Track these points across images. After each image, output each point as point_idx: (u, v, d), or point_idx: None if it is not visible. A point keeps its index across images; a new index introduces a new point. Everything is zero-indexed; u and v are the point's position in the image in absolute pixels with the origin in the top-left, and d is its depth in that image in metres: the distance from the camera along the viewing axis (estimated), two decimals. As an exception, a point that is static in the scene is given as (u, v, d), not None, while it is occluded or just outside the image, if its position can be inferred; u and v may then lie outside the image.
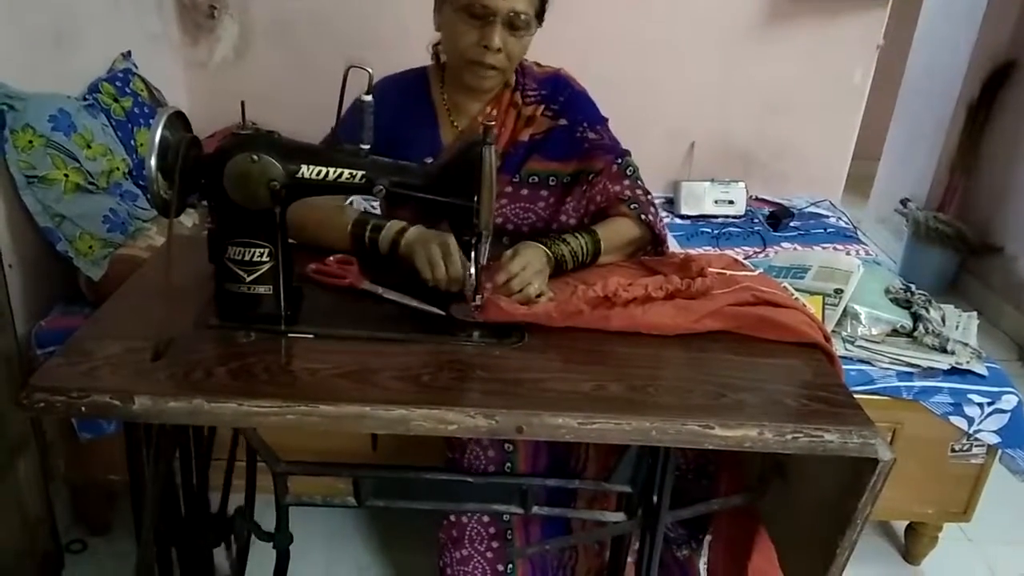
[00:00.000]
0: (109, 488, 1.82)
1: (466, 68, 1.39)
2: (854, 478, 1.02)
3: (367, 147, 1.12)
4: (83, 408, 0.94)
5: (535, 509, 1.24)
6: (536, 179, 1.48)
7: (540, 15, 1.41)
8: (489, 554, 1.44)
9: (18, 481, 1.55)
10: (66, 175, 1.65)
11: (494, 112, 1.48)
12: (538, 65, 1.53)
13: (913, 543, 1.95)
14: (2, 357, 1.45)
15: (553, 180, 1.49)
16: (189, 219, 1.90)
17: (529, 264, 1.24)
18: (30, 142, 1.60)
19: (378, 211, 1.59)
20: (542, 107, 1.48)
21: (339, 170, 1.10)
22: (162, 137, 1.05)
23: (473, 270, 1.15)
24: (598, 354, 1.13)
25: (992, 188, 3.25)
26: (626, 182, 1.45)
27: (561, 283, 1.28)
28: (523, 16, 1.34)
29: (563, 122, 1.47)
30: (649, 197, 1.46)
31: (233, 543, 1.48)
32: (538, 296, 1.21)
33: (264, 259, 1.11)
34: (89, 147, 1.72)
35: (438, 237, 1.25)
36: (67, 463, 1.72)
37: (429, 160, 1.43)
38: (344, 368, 1.04)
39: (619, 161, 1.47)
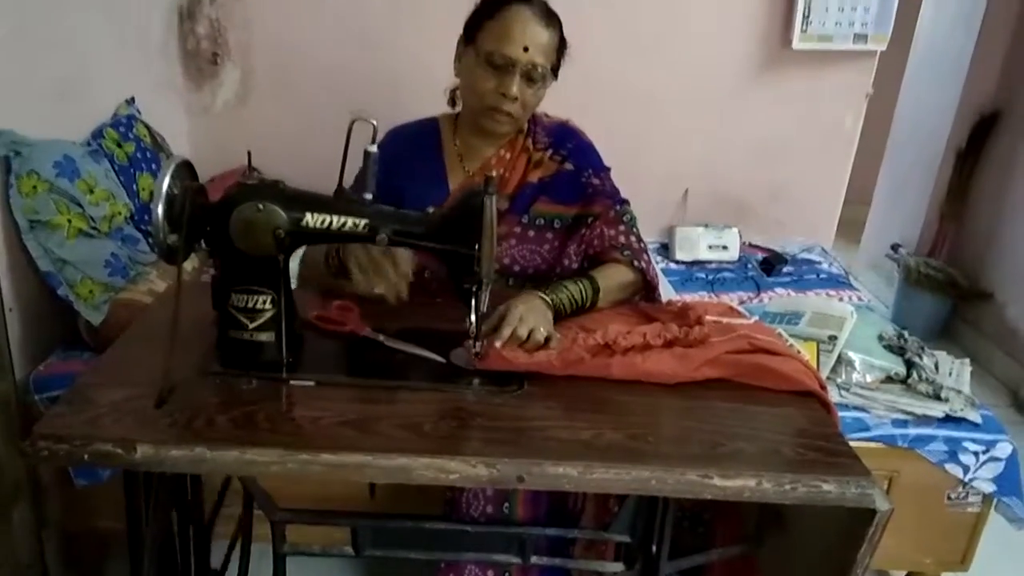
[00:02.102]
0: (103, 535, 1.80)
1: (483, 113, 1.45)
2: (852, 528, 1.02)
3: (370, 196, 1.14)
4: (86, 456, 0.94)
5: (533, 559, 1.24)
6: (542, 221, 1.52)
7: (555, 69, 1.47)
8: (487, 601, 1.43)
9: (11, 528, 1.53)
10: (69, 220, 1.66)
11: (507, 155, 1.53)
12: (547, 116, 1.59)
13: (912, 592, 1.94)
14: (0, 401, 1.45)
15: (558, 223, 1.53)
16: (189, 263, 1.91)
17: (529, 312, 1.24)
18: (34, 187, 1.61)
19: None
20: (550, 152, 1.54)
21: (343, 218, 1.12)
22: (169, 185, 1.07)
23: (474, 317, 1.16)
24: (597, 402, 1.14)
25: (981, 234, 3.29)
26: (621, 227, 1.49)
27: (563, 329, 1.29)
28: (540, 69, 1.41)
29: (569, 167, 1.53)
30: (642, 245, 1.51)
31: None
32: (547, 341, 1.21)
33: (267, 306, 1.12)
34: (92, 192, 1.74)
35: (368, 246, 1.26)
36: (61, 510, 1.71)
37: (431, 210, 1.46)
38: (346, 416, 1.05)
39: (617, 208, 1.51)
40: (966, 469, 1.71)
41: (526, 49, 1.38)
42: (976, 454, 1.70)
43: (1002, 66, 3.20)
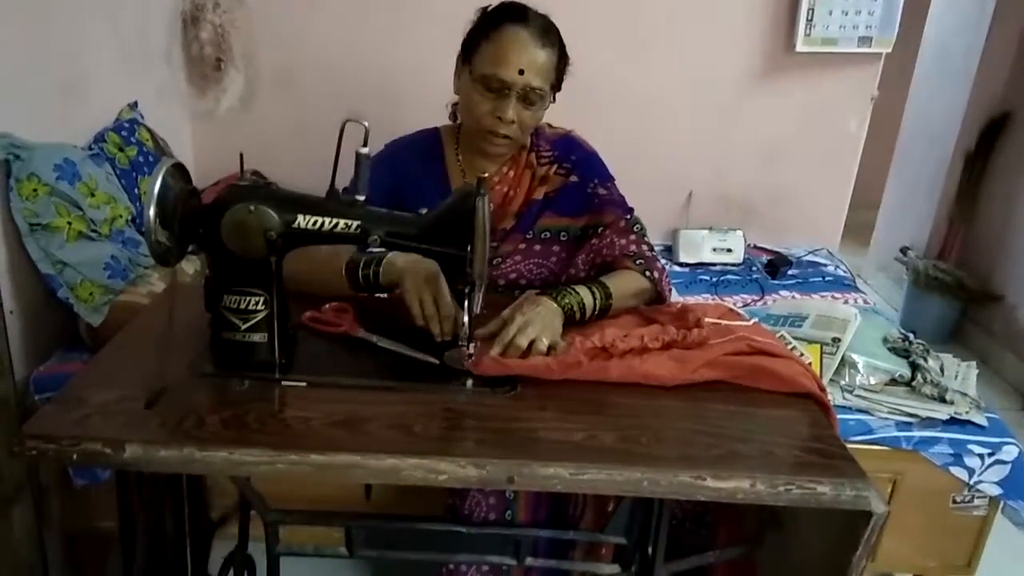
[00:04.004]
0: (103, 536, 1.80)
1: (479, 135, 1.43)
2: (848, 531, 1.01)
3: (362, 198, 1.14)
4: (75, 456, 0.94)
5: (528, 561, 1.23)
6: (548, 234, 1.51)
7: (557, 85, 1.44)
8: (486, 602, 1.43)
9: (12, 528, 1.54)
10: (69, 223, 1.67)
11: (511, 173, 1.51)
12: (550, 126, 1.56)
13: (917, 597, 1.91)
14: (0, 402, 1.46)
15: (564, 235, 1.51)
16: (191, 266, 1.92)
17: (535, 320, 1.22)
18: (35, 191, 1.62)
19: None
20: (555, 166, 1.51)
21: (335, 220, 1.12)
22: (161, 187, 1.07)
23: (466, 319, 1.16)
24: (590, 404, 1.13)
25: (991, 236, 3.26)
26: (632, 237, 1.47)
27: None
28: (538, 91, 1.38)
29: (574, 179, 1.50)
30: (654, 253, 1.48)
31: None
32: (550, 350, 1.20)
33: (259, 307, 1.12)
34: (93, 195, 1.75)
35: (428, 273, 1.25)
36: (62, 510, 1.71)
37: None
38: (336, 417, 1.04)
39: (627, 217, 1.49)
40: (971, 472, 1.69)
41: (521, 72, 1.35)
42: (982, 457, 1.68)
43: (1011, 68, 3.18)
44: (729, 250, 2.66)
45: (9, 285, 1.65)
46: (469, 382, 1.15)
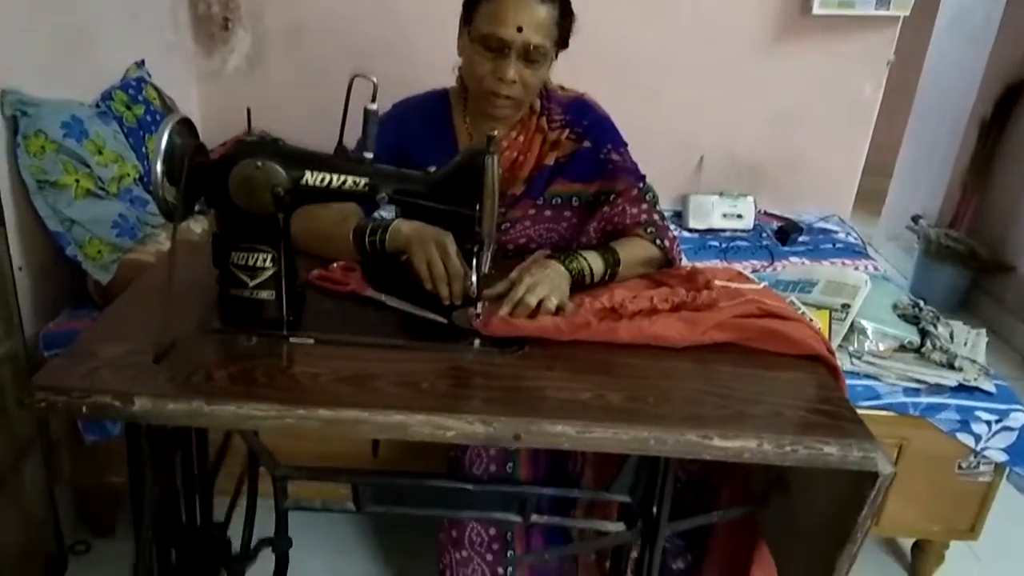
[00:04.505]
0: (113, 491, 1.83)
1: (483, 97, 1.40)
2: (854, 492, 1.01)
3: (371, 155, 1.13)
4: (84, 408, 0.95)
5: (533, 518, 1.24)
6: (559, 200, 1.49)
7: (563, 41, 1.41)
8: (489, 556, 1.45)
9: (23, 482, 1.56)
10: (77, 180, 1.67)
11: (521, 138, 1.49)
12: (562, 88, 1.54)
13: (920, 561, 1.93)
14: (9, 359, 1.47)
15: (576, 200, 1.50)
16: (199, 225, 1.92)
17: (543, 281, 1.21)
18: (42, 148, 1.62)
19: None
20: (567, 131, 1.49)
21: (343, 177, 1.11)
22: (168, 143, 1.06)
23: (475, 278, 1.15)
24: (599, 364, 1.13)
25: (1004, 206, 3.23)
26: (644, 205, 1.46)
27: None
28: (539, 48, 1.34)
29: (587, 144, 1.48)
30: (666, 223, 1.47)
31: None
32: (558, 311, 1.19)
33: (267, 264, 1.12)
34: (100, 153, 1.74)
35: (435, 236, 1.24)
36: (72, 465, 1.73)
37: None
38: (344, 373, 1.04)
39: (640, 185, 1.48)
40: (978, 438, 1.69)
41: (520, 29, 1.31)
42: (988, 423, 1.68)
43: (1031, 32, 3.12)
44: (739, 216, 2.64)
45: (18, 242, 1.65)
46: (477, 341, 1.15)
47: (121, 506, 1.88)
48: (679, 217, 2.71)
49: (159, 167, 1.06)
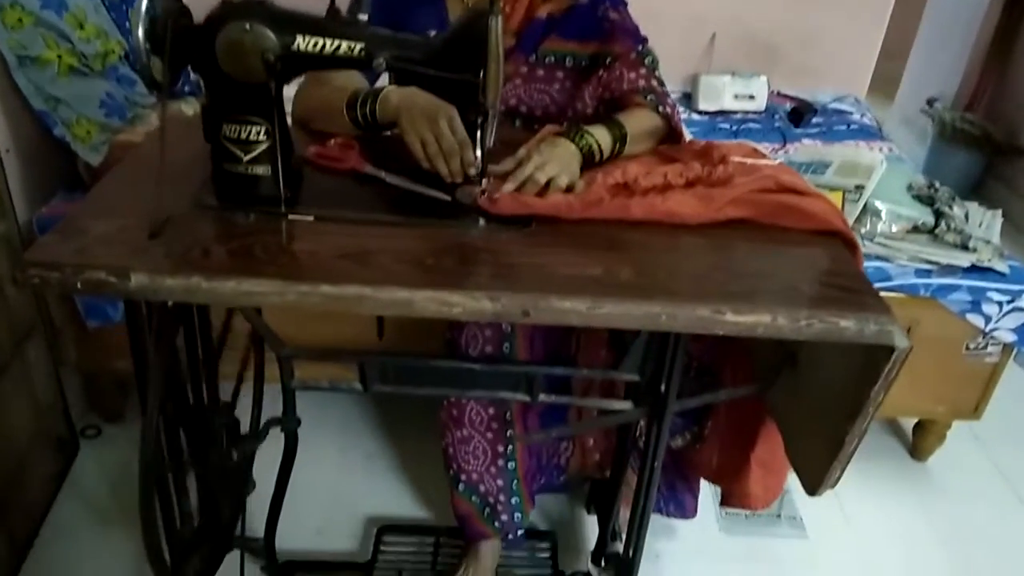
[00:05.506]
0: (119, 376, 1.84)
1: None
2: (868, 366, 0.99)
3: (365, 17, 1.06)
4: (79, 284, 0.91)
5: (542, 397, 1.23)
6: (552, 59, 1.42)
7: None
8: (489, 435, 1.46)
9: (27, 366, 1.56)
10: (59, 56, 1.59)
11: None
12: None
13: (921, 440, 1.95)
14: (3, 242, 1.43)
15: (570, 61, 1.42)
16: (191, 107, 1.84)
17: (552, 159, 1.16)
18: (19, 20, 1.53)
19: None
20: None
21: (336, 42, 1.04)
22: (149, 6, 0.99)
23: (479, 152, 1.10)
24: (608, 241, 1.09)
25: (1023, 89, 3.11)
26: (643, 70, 1.38)
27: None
28: None
29: (583, 0, 1.40)
30: (665, 89, 1.40)
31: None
32: (568, 190, 1.15)
33: (261, 138, 1.07)
34: (82, 28, 1.65)
35: (426, 107, 1.13)
36: (77, 351, 1.73)
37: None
38: (345, 250, 1.01)
39: (639, 48, 1.40)
40: (988, 319, 1.67)
41: None
42: (1000, 304, 1.66)
43: None
44: (751, 97, 2.54)
45: (4, 124, 1.59)
46: (481, 220, 1.11)
47: (129, 393, 1.89)
48: (688, 99, 2.62)
49: (140, 32, 0.98)
